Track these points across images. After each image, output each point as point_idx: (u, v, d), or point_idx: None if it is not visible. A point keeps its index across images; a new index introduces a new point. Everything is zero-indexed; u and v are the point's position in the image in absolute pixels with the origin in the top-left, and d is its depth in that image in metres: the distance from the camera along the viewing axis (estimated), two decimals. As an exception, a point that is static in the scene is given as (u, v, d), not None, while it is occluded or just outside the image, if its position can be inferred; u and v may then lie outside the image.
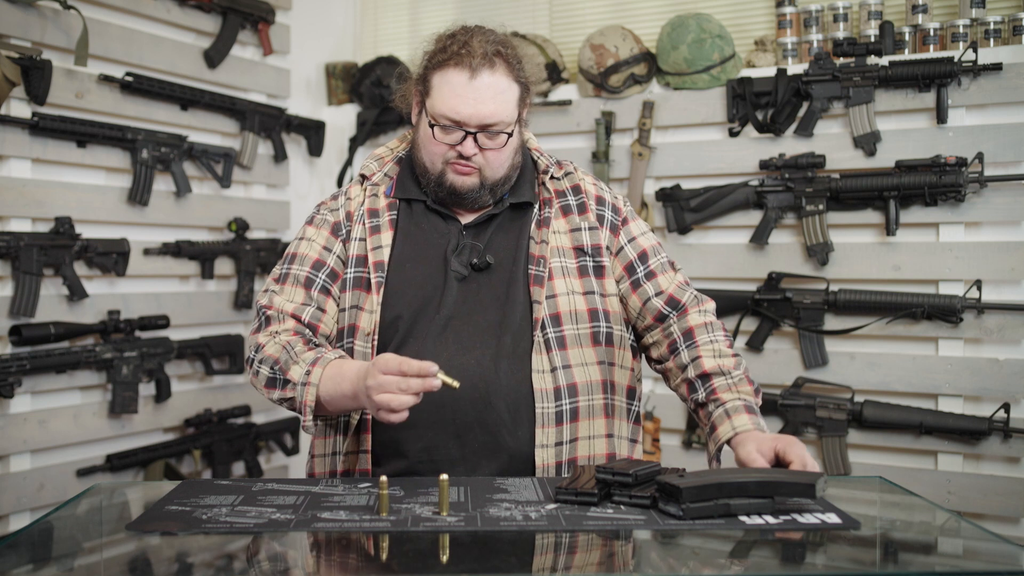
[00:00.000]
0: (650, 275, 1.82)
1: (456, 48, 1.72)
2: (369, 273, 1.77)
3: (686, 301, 1.82)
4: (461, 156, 1.73)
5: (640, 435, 1.86)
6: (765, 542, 1.34)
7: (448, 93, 1.71)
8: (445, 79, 1.72)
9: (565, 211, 1.82)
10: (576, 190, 1.84)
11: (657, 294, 1.81)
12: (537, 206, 1.83)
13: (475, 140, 1.72)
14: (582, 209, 1.82)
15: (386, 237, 1.80)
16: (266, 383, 1.69)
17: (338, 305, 1.80)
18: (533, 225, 1.80)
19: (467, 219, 1.81)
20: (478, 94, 1.70)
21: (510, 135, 1.74)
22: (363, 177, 1.88)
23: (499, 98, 1.71)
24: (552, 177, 1.85)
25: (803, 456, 1.51)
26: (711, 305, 1.84)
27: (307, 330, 1.76)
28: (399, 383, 1.49)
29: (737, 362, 1.74)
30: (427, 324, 1.73)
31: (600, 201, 1.85)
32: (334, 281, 1.80)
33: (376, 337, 1.73)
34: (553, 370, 1.71)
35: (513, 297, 1.74)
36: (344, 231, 1.83)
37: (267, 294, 1.80)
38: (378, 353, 1.72)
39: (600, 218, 1.82)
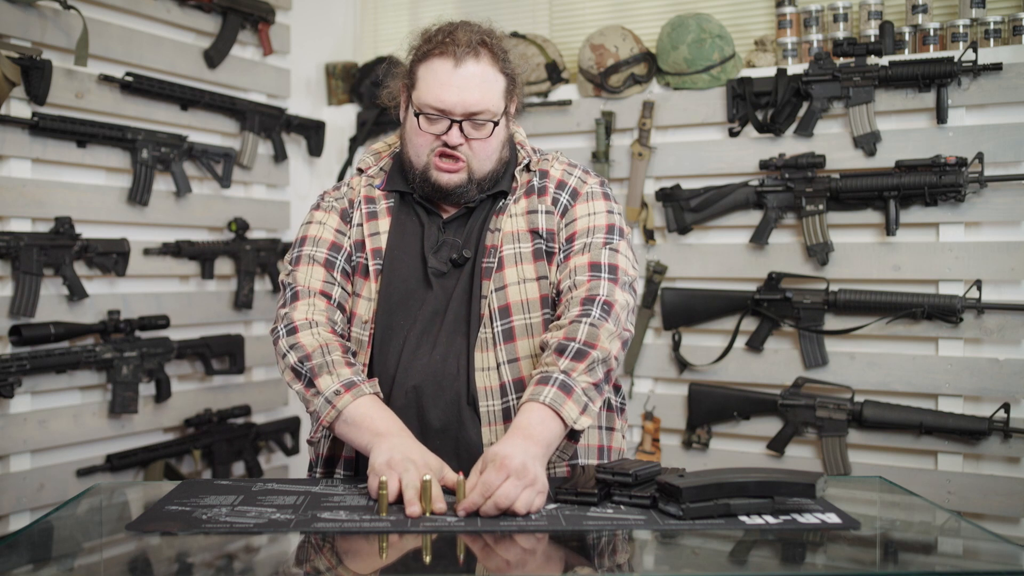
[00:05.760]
0: (566, 257, 1.75)
1: (441, 38, 1.72)
2: (367, 259, 1.78)
3: (562, 289, 1.72)
4: (447, 146, 1.72)
5: (616, 423, 1.83)
6: (765, 542, 1.34)
7: (433, 82, 1.70)
8: (430, 69, 1.71)
9: (527, 194, 1.80)
10: (543, 175, 1.82)
11: (557, 279, 1.74)
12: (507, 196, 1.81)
13: (461, 130, 1.71)
14: (542, 192, 1.80)
15: (383, 224, 1.81)
16: (292, 372, 1.68)
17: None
18: (494, 215, 1.78)
19: (448, 213, 1.81)
20: (463, 82, 1.69)
21: (496, 124, 1.73)
22: (360, 171, 1.90)
23: (484, 87, 1.70)
24: (528, 169, 1.83)
25: (487, 483, 1.41)
26: (610, 296, 1.67)
27: (338, 312, 1.76)
28: (409, 497, 1.44)
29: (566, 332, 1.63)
30: (405, 320, 1.74)
31: (561, 185, 1.81)
32: (349, 264, 1.80)
33: (373, 325, 1.74)
34: (498, 366, 1.70)
35: (475, 292, 1.73)
36: (349, 217, 1.84)
37: (290, 274, 1.80)
38: (375, 343, 1.73)
39: (555, 201, 1.79)
